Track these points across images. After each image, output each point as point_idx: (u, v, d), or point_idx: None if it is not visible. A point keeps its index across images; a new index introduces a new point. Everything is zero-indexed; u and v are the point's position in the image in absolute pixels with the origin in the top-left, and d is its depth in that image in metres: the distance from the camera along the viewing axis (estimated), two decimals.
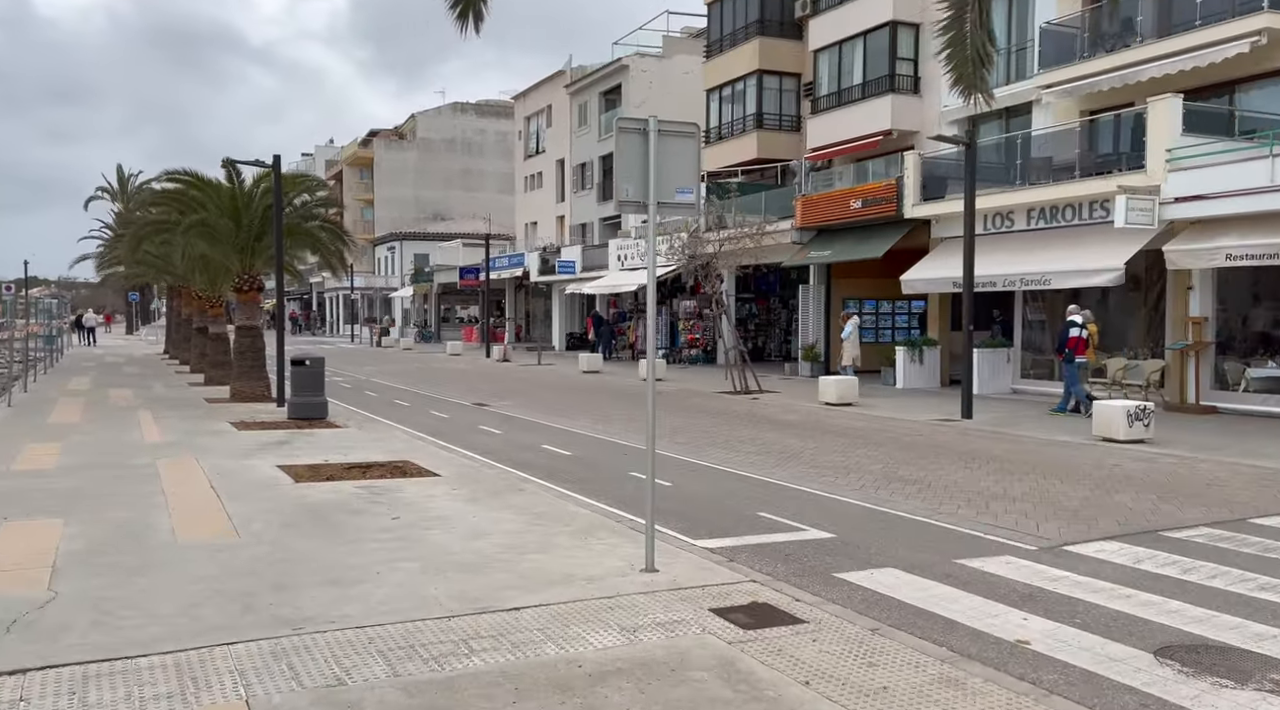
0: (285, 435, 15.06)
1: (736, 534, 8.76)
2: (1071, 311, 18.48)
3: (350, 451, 13.40)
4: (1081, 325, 17.88)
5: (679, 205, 7.33)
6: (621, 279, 35.51)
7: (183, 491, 10.27)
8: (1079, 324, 17.88)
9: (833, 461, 12.95)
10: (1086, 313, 18.56)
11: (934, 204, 23.38)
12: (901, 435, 15.55)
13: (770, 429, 16.45)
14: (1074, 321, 17.94)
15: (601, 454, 13.87)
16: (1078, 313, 18.24)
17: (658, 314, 36.15)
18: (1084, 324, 17.93)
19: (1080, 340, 17.76)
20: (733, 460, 13.12)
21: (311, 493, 10.23)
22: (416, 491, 10.37)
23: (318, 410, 17.42)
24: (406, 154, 79.46)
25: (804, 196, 27.72)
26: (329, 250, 21.91)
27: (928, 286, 22.99)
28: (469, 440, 15.33)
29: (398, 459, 12.71)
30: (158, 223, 21.99)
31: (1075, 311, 18.32)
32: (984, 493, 10.66)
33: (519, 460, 13.21)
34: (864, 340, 28.81)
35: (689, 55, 47.46)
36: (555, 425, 17.29)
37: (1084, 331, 17.84)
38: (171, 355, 38.34)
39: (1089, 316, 18.50)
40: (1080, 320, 17.96)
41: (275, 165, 19.49)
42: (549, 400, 21.89)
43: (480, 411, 19.85)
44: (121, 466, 11.86)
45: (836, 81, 32.02)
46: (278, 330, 19.96)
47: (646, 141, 7.15)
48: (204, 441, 14.21)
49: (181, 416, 17.53)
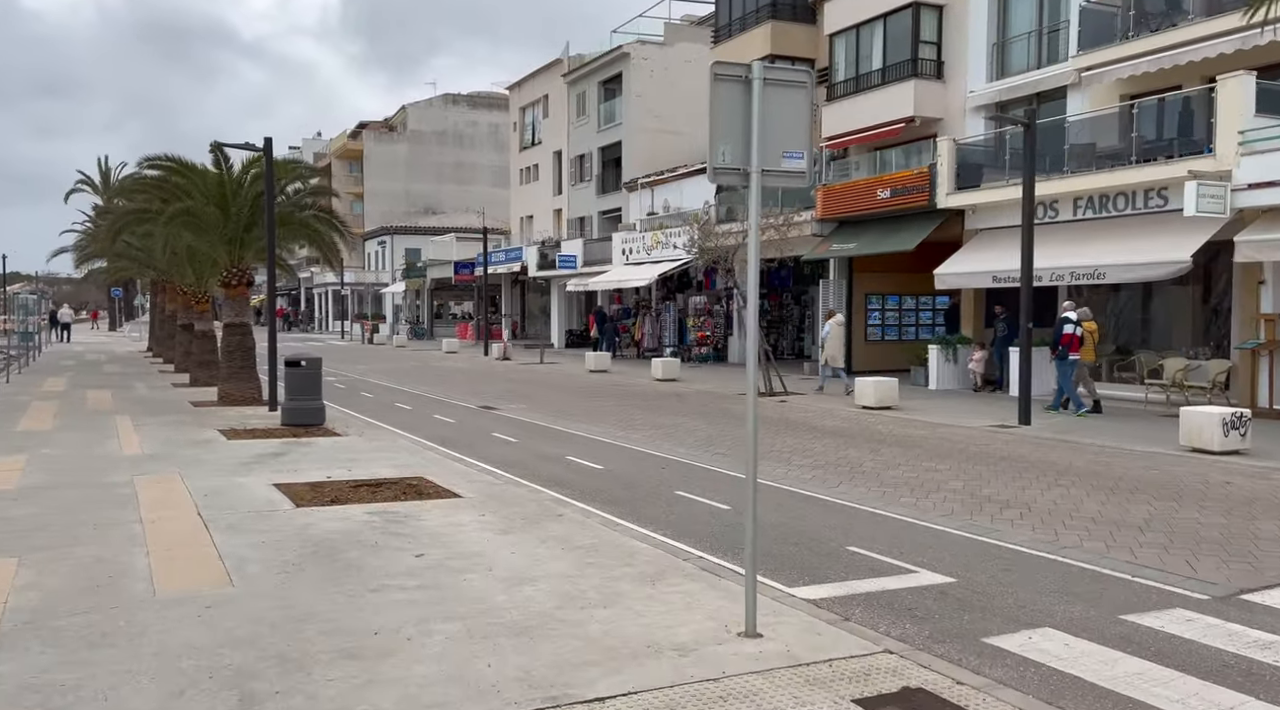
0: (280, 445, 13.52)
1: (835, 577, 7.28)
2: (1066, 308, 17.87)
3: (354, 465, 11.88)
4: (1076, 322, 17.31)
5: (786, 174, 5.84)
6: (627, 274, 33.99)
7: (165, 520, 8.73)
8: (1074, 321, 17.29)
9: (903, 478, 11.49)
10: (1084, 310, 18.00)
11: (969, 193, 21.94)
12: (962, 444, 14.11)
13: (814, 437, 14.98)
14: (1068, 318, 17.33)
15: (636, 467, 12.38)
16: (1073, 309, 17.67)
17: (664, 310, 34.81)
18: (1079, 321, 17.36)
19: (1074, 338, 17.16)
20: (789, 476, 11.64)
21: (316, 521, 8.71)
22: (439, 518, 8.86)
23: (314, 416, 15.89)
24: (397, 147, 77.72)
25: (825, 186, 26.25)
26: (324, 242, 20.34)
27: (963, 281, 21.57)
28: (484, 451, 13.82)
29: (410, 475, 11.20)
30: (138, 212, 20.37)
31: (1071, 308, 17.74)
32: (1099, 519, 9.21)
33: (545, 475, 11.71)
34: (887, 338, 27.55)
35: (692, 43, 45.97)
36: (574, 432, 15.79)
37: (1079, 329, 17.28)
38: (155, 353, 36.67)
39: (1086, 314, 17.92)
40: (1075, 317, 17.38)
41: (266, 149, 17.92)
42: (561, 403, 20.39)
43: (489, 416, 18.33)
44: (94, 486, 10.32)
45: (854, 67, 30.54)
46: (269, 328, 18.40)
47: (749, 94, 5.67)
48: (190, 453, 12.67)
49: (165, 423, 15.96)
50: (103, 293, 79.48)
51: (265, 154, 17.95)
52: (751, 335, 6.19)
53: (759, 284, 5.78)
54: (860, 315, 26.82)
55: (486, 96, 80.00)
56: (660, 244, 33.09)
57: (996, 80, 26.45)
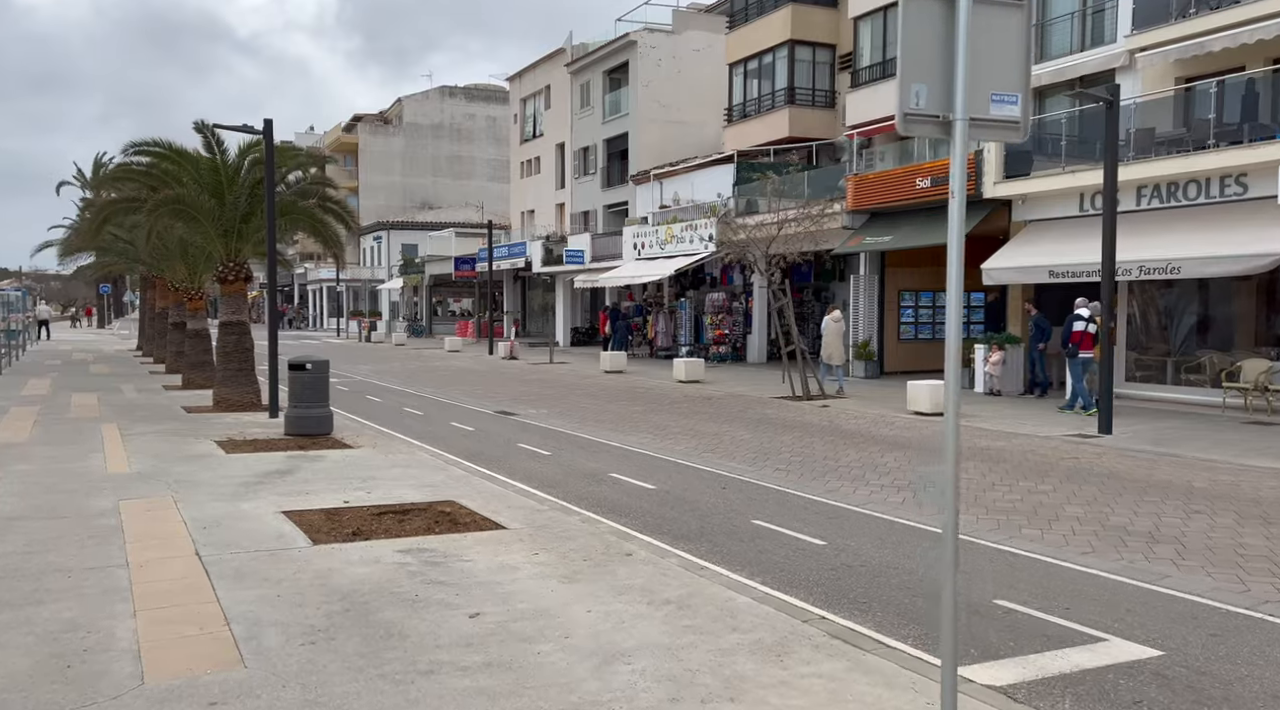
0: (285, 460, 11.99)
1: (1004, 648, 5.78)
2: (1080, 304, 17.16)
3: (373, 485, 10.37)
4: (1088, 319, 16.76)
5: (996, 123, 4.36)
6: (640, 269, 32.45)
7: (156, 561, 7.21)
8: (1085, 317, 16.78)
9: (1007, 501, 10.01)
10: (1095, 305, 17.05)
11: (1019, 182, 20.46)
12: (1049, 459, 12.63)
13: (879, 449, 13.49)
14: (1080, 315, 16.82)
15: (693, 488, 10.88)
16: (1085, 305, 17.03)
17: (678, 307, 33.25)
18: (1091, 317, 16.78)
19: (1087, 335, 16.63)
20: (875, 500, 10.15)
21: (339, 564, 7.19)
22: (485, 559, 7.35)
23: (321, 425, 14.36)
24: (393, 140, 76.03)
25: (857, 176, 24.74)
26: (329, 234, 18.79)
27: (1015, 277, 20.08)
28: (515, 465, 12.32)
29: (439, 499, 9.69)
30: (125, 201, 18.78)
31: (1083, 304, 17.06)
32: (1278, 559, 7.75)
33: (592, 498, 10.22)
34: (920, 337, 26.09)
35: (701, 31, 44.45)
36: (608, 442, 14.28)
37: (1090, 326, 16.70)
38: (145, 352, 35.05)
39: (1097, 310, 16.96)
40: (1087, 314, 16.84)
41: (267, 132, 16.36)
42: (584, 408, 18.87)
43: (510, 423, 16.81)
44: (72, 515, 8.78)
45: (881, 51, 29.13)
46: (269, 327, 16.85)
47: (952, 15, 4.18)
48: (184, 470, 11.13)
49: (156, 432, 14.42)
50: (91, 289, 77.64)
51: (265, 137, 16.38)
52: (953, 339, 4.70)
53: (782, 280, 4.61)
54: (893, 313, 25.35)
55: (484, 89, 78.35)
56: (674, 238, 31.57)
57: (1036, 64, 25.00)
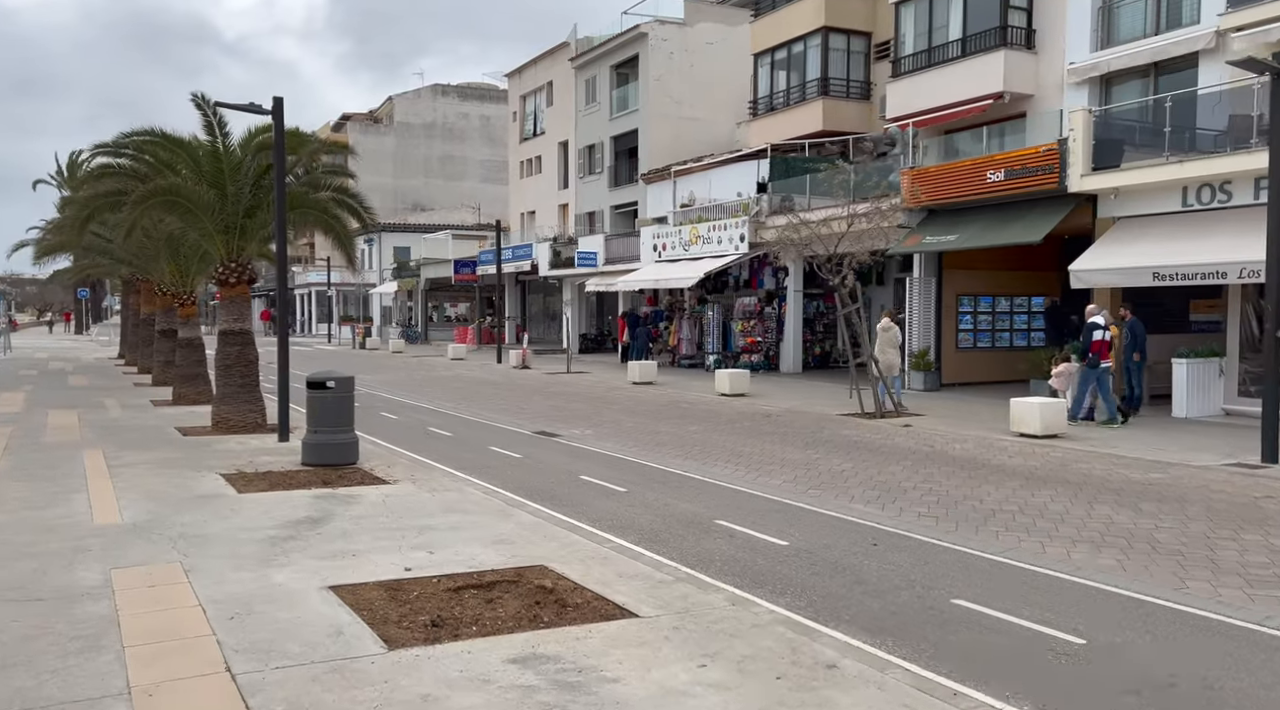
0: (312, 502, 9.77)
1: None
2: (1092, 312, 16.61)
3: (431, 537, 8.20)
4: (1104, 327, 16.18)
5: None
6: (663, 272, 30.27)
7: (169, 686, 5.00)
8: (1102, 325, 16.17)
9: (1226, 560, 7.91)
10: (1106, 313, 16.82)
11: (1111, 174, 18.40)
12: (1223, 497, 10.54)
13: (1021, 485, 11.35)
14: (1096, 323, 16.15)
15: (834, 542, 8.72)
16: (1098, 313, 16.50)
17: (701, 313, 31.12)
18: (1106, 325, 16.26)
19: (1105, 344, 16.11)
20: (1086, 562, 8.02)
21: (434, 688, 5.01)
22: (637, 679, 5.18)
23: (346, 453, 12.18)
24: (383, 139, 73.57)
25: (915, 169, 22.66)
26: (344, 232, 16.56)
27: (1112, 279, 18.02)
28: (589, 506, 10.16)
29: (525, 562, 7.52)
30: (112, 194, 16.48)
31: (1096, 312, 16.57)
32: None
33: (717, 559, 8.06)
34: (979, 345, 24.06)
35: (713, 23, 42.43)
36: (687, 473, 12.12)
37: (1107, 334, 16.18)
38: (128, 361, 32.71)
39: (1110, 317, 16.82)
40: (1103, 321, 16.24)
41: (277, 112, 14.12)
42: (631, 427, 16.70)
43: (558, 447, 14.62)
44: (50, 595, 6.57)
45: (926, 38, 27.02)
46: (279, 336, 14.59)
47: None
48: (190, 520, 8.91)
49: (149, 462, 12.17)
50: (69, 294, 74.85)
51: (275, 118, 14.14)
52: None
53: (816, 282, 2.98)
54: (951, 319, 23.27)
55: (478, 88, 76.13)
56: (700, 238, 29.43)
57: (1103, 49, 23.05)
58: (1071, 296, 23.21)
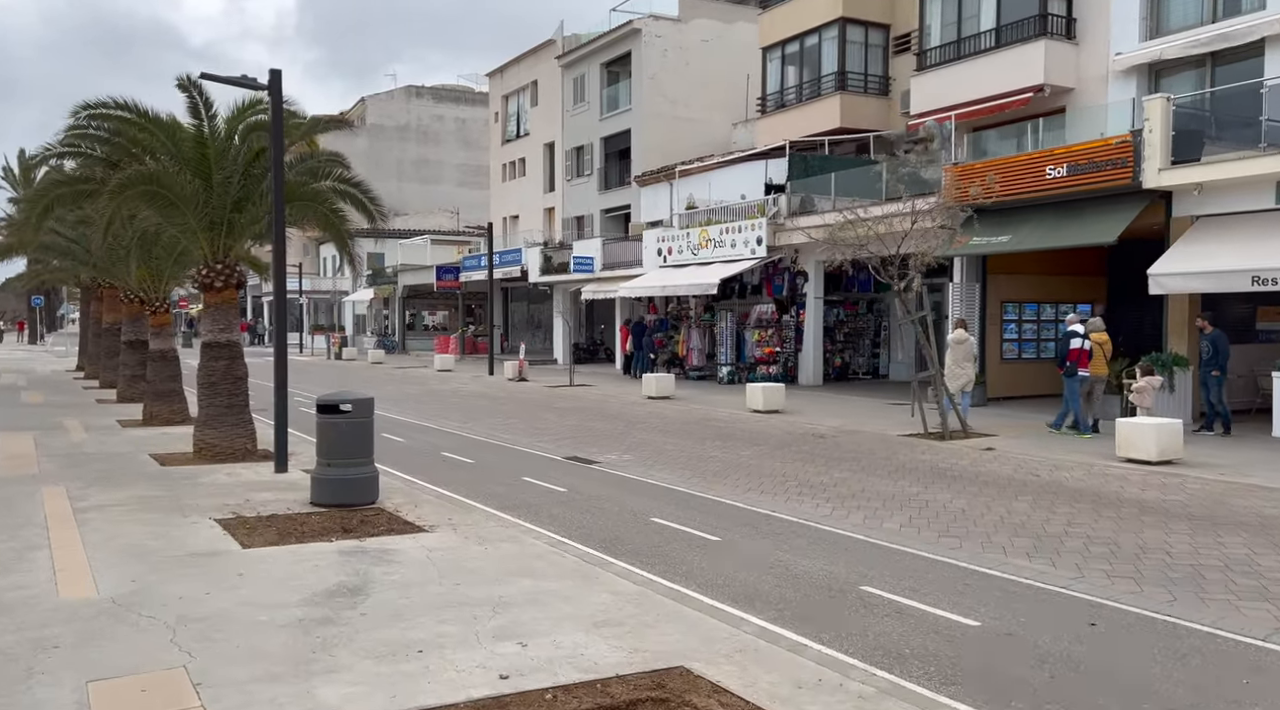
0: (341, 562, 7.69)
1: None
2: (1072, 320, 16.56)
3: (511, 620, 6.17)
4: (1084, 336, 15.94)
5: None
6: (670, 278, 28.31)
7: None
8: (1081, 334, 15.98)
9: None
10: (1095, 321, 16.59)
11: (1192, 168, 16.66)
12: None
13: (1196, 530, 9.51)
14: (1075, 332, 16.03)
15: (1039, 623, 6.78)
16: (1079, 321, 16.36)
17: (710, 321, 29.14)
18: (1087, 334, 15.97)
19: (1083, 353, 15.83)
20: None
21: None
22: None
23: (366, 491, 10.12)
24: (355, 142, 70.76)
25: (960, 166, 20.86)
26: (343, 229, 14.46)
27: (1198, 284, 16.30)
28: (681, 560, 8.17)
29: (654, 662, 5.53)
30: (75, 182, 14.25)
31: (1076, 320, 16.49)
32: None
33: (906, 650, 6.10)
34: (1023, 356, 22.32)
35: (709, 20, 40.68)
36: (776, 513, 10.15)
37: (1086, 343, 15.89)
38: (88, 374, 30.20)
39: (1097, 325, 16.44)
40: (1083, 330, 16.04)
41: (274, 86, 12.02)
42: (674, 452, 14.70)
43: (602, 477, 12.59)
44: None
45: (955, 28, 25.38)
46: (276, 346, 12.45)
47: None
48: (187, 592, 6.81)
49: (124, 502, 10.02)
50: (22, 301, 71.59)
51: (272, 94, 12.04)
52: None
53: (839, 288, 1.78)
54: (995, 327, 21.47)
55: (453, 89, 73.95)
56: (712, 242, 27.52)
57: (1153, 39, 21.49)
58: (1122, 302, 21.56)
